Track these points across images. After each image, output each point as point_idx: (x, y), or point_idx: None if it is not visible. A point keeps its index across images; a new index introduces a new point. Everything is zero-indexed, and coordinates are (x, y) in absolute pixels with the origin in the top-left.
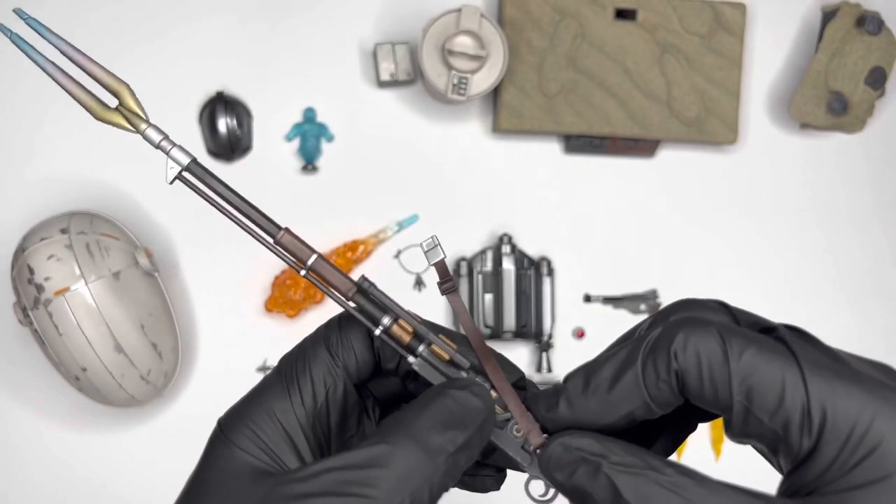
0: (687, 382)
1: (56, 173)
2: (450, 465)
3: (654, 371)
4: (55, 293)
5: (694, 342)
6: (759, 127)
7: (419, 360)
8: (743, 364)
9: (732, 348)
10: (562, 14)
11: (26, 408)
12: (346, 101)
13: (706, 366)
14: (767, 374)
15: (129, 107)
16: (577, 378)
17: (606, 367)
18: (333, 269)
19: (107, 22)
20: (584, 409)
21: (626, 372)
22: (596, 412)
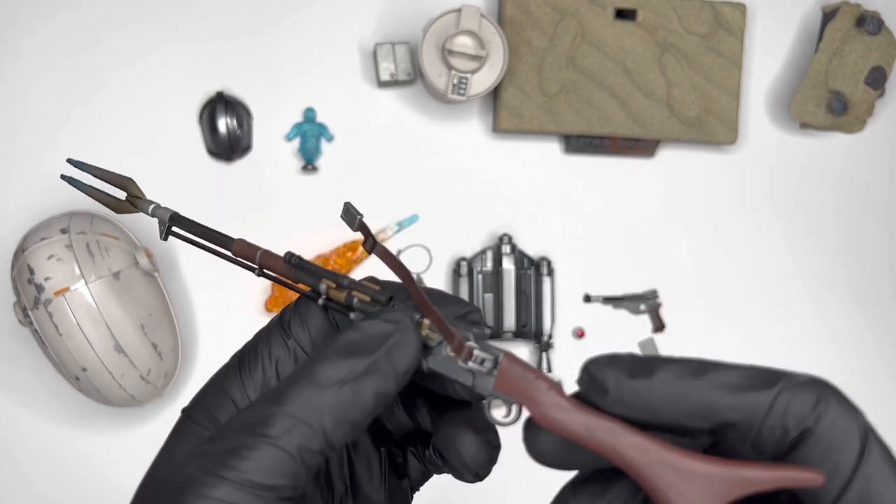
0: (809, 451)
1: (56, 173)
2: (347, 393)
3: (781, 414)
4: (55, 293)
5: (841, 421)
6: (759, 127)
7: (356, 313)
8: (868, 472)
9: (871, 453)
10: (562, 14)
11: (26, 408)
12: (347, 101)
13: (837, 453)
14: (885, 489)
15: (134, 193)
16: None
17: (733, 372)
18: (274, 258)
19: (107, 22)
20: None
21: (753, 390)
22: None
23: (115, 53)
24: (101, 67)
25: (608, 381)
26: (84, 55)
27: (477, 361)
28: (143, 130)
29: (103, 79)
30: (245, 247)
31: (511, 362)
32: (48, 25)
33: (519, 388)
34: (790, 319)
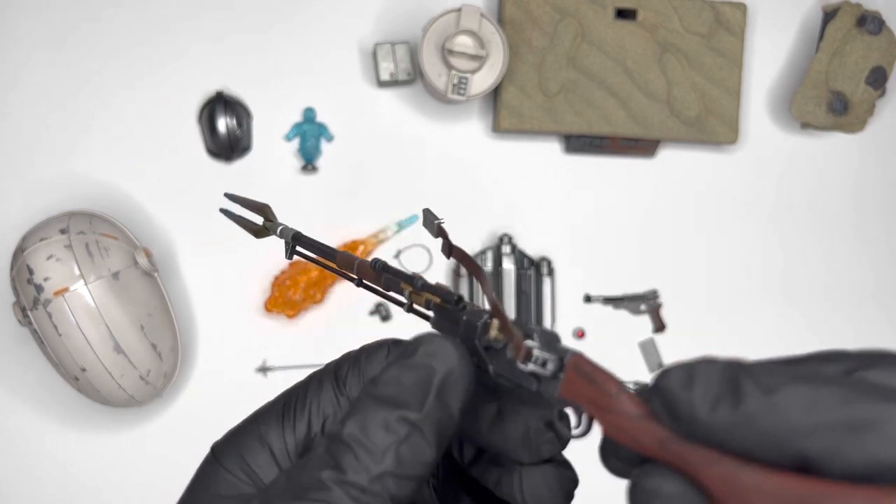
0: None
1: (55, 173)
2: (406, 452)
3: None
4: (54, 293)
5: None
6: (760, 126)
7: (433, 317)
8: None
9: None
10: (562, 13)
11: (26, 408)
12: (346, 101)
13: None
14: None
15: (269, 218)
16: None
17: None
18: (364, 263)
19: (107, 22)
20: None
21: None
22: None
23: (116, 54)
24: (102, 68)
25: (689, 407)
26: (84, 56)
27: (538, 363)
28: (143, 130)
29: (103, 79)
30: (345, 259)
31: (577, 363)
32: (48, 26)
33: (585, 393)
34: (791, 319)
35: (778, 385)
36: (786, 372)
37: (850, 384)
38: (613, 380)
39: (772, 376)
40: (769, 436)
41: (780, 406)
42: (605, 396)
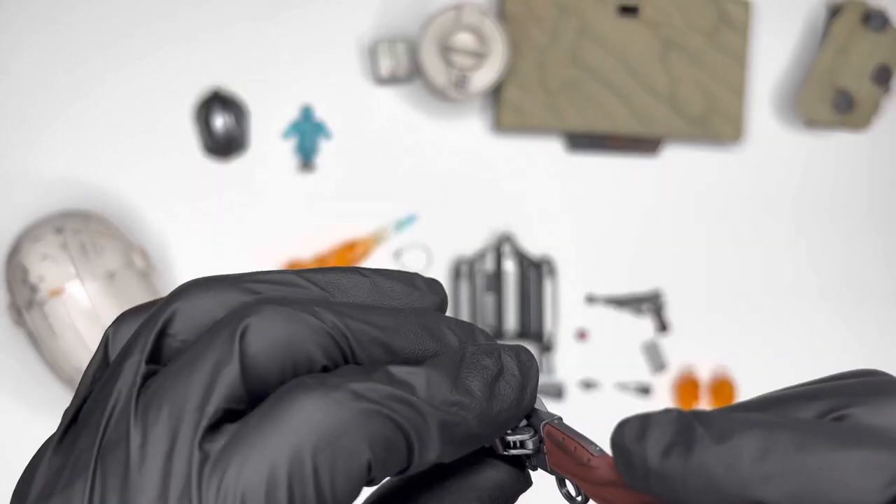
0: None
1: (50, 173)
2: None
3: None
4: (49, 294)
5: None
6: (764, 124)
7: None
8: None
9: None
10: (563, 10)
11: (21, 409)
12: (345, 99)
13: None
14: None
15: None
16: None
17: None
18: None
19: (102, 18)
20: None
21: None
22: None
23: (111, 52)
24: (97, 66)
25: (642, 460)
26: (79, 53)
27: (517, 447)
28: (139, 129)
29: (99, 77)
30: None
31: (550, 433)
32: (42, 24)
33: (564, 463)
34: (799, 319)
35: (731, 432)
36: (742, 419)
37: (810, 429)
38: (583, 446)
39: (726, 423)
40: (723, 484)
41: (732, 454)
42: (580, 465)
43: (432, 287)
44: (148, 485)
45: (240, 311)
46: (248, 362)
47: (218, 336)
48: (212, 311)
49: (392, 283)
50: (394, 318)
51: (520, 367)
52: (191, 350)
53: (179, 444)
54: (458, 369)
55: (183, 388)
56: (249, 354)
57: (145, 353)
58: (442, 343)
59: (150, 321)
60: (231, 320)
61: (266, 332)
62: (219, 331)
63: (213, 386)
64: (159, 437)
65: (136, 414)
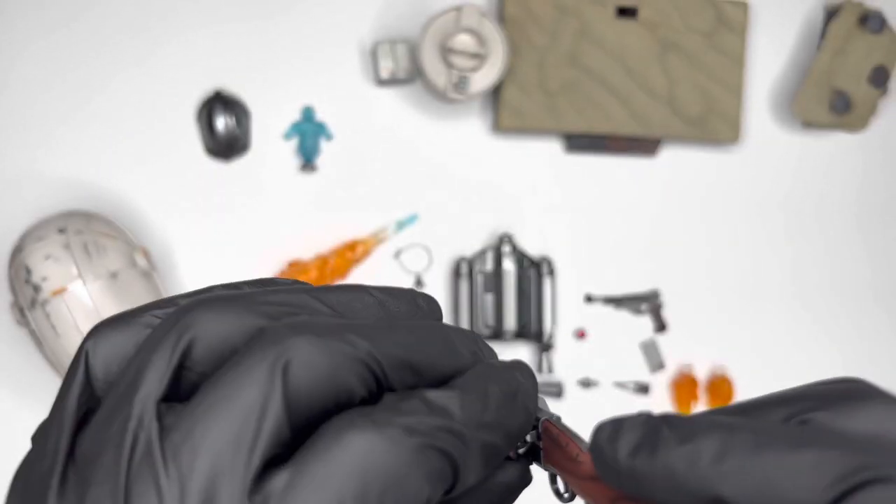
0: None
1: (53, 173)
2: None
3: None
4: (52, 293)
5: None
6: (762, 125)
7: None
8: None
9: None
10: (563, 12)
11: (23, 409)
12: (346, 100)
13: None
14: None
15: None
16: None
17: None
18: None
19: (104, 19)
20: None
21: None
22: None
23: (113, 53)
24: (99, 66)
25: (613, 458)
26: (82, 55)
27: (522, 443)
28: (141, 129)
29: (101, 77)
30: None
31: (547, 429)
32: (45, 26)
33: (557, 459)
34: (796, 318)
35: (694, 434)
36: (707, 421)
37: (768, 432)
38: (574, 442)
39: (690, 425)
40: (685, 482)
41: (694, 453)
42: (569, 461)
43: (430, 305)
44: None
45: (273, 341)
46: (292, 401)
47: (253, 371)
48: (230, 338)
49: (399, 304)
50: (414, 335)
51: (530, 382)
52: (222, 387)
53: (226, 497)
54: (485, 389)
55: (221, 432)
56: (293, 392)
57: (163, 387)
58: (457, 356)
59: (158, 348)
60: (265, 353)
61: (308, 366)
62: (254, 365)
63: (260, 429)
64: (200, 490)
65: (167, 462)
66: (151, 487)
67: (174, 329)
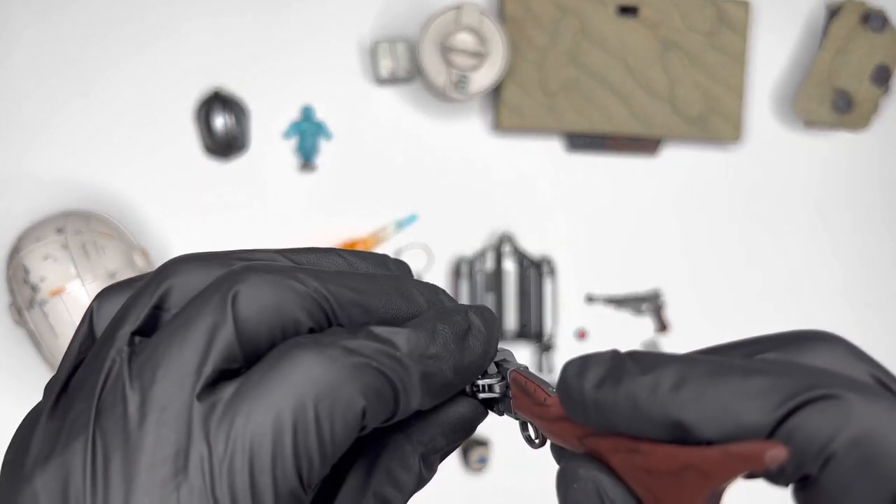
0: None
1: (52, 173)
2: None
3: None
4: (51, 293)
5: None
6: (763, 125)
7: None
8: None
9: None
10: (563, 11)
11: (21, 408)
12: (345, 99)
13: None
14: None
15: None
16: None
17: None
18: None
19: (104, 19)
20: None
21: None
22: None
23: (111, 51)
24: (97, 65)
25: (579, 392)
26: (80, 53)
27: (486, 390)
28: (140, 128)
29: (99, 76)
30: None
31: (515, 378)
32: (41, 23)
33: (526, 406)
34: (797, 317)
35: (655, 365)
36: (669, 356)
37: (724, 363)
38: (541, 388)
39: (652, 358)
40: (647, 409)
41: (655, 382)
42: (538, 406)
43: (401, 267)
44: (148, 439)
45: (227, 279)
46: (240, 325)
47: (209, 302)
48: (203, 285)
49: (366, 264)
50: (369, 282)
51: (484, 323)
52: (181, 316)
53: (179, 401)
54: (433, 327)
55: (178, 350)
56: (241, 318)
57: (139, 323)
58: (413, 303)
59: (140, 294)
60: (220, 287)
61: (256, 297)
62: (209, 297)
63: (210, 347)
64: (158, 396)
65: (132, 377)
66: (119, 398)
67: (155, 279)
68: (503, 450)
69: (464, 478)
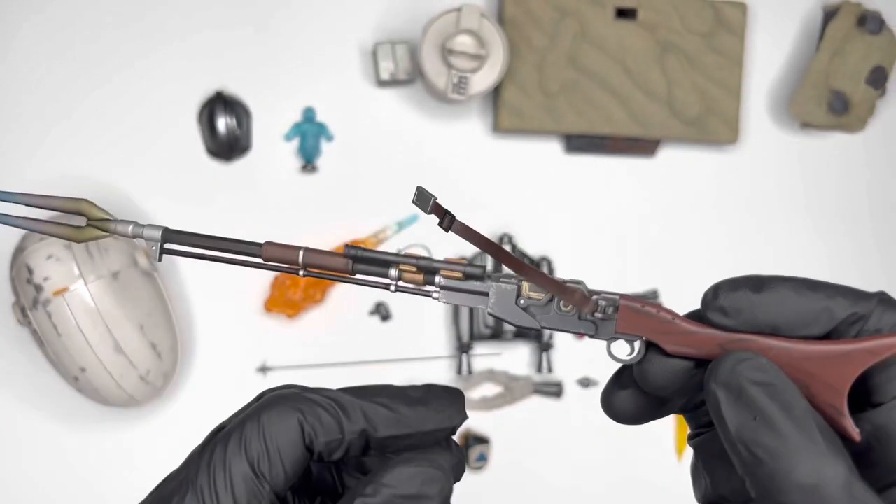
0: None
1: (55, 173)
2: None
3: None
4: (54, 293)
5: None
6: (760, 126)
7: (442, 291)
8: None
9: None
10: (562, 13)
11: (25, 408)
12: (346, 101)
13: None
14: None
15: (96, 216)
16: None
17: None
18: (324, 254)
19: (106, 21)
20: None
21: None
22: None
23: (114, 53)
24: (100, 66)
25: (740, 302)
26: (83, 54)
27: (601, 311)
28: (142, 130)
29: (102, 78)
30: (279, 250)
31: (629, 304)
32: (45, 24)
33: (644, 325)
34: None
35: (774, 279)
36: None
37: (805, 281)
38: (664, 309)
39: (767, 277)
40: (797, 306)
41: (794, 286)
42: (663, 323)
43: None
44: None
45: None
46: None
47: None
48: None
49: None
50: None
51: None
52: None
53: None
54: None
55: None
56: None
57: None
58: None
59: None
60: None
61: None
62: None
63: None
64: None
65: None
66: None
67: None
68: (503, 448)
69: (464, 476)
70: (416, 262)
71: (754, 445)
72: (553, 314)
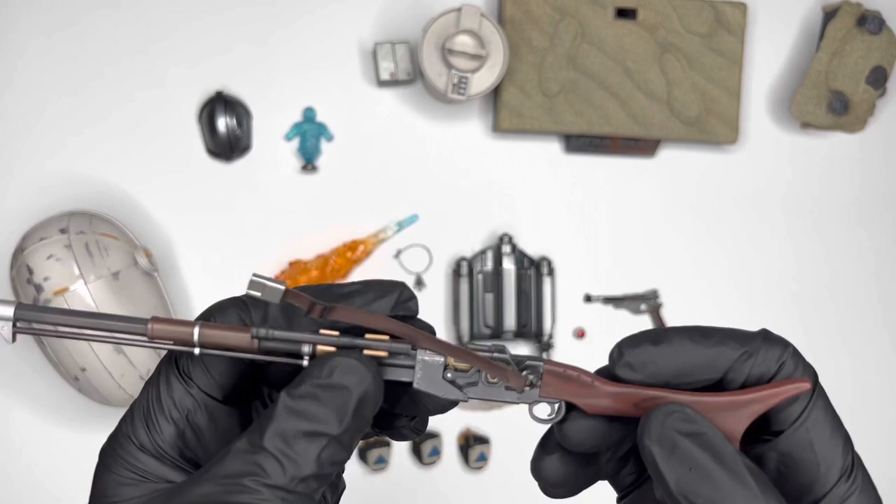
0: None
1: (55, 173)
2: (328, 454)
3: (762, 361)
4: (54, 293)
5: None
6: (760, 126)
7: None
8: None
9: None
10: (562, 13)
11: (25, 408)
12: (346, 101)
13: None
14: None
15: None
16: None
17: (724, 334)
18: (222, 330)
19: (107, 21)
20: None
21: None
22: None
23: (115, 53)
24: (101, 67)
25: (643, 356)
26: (83, 55)
27: (528, 383)
28: (143, 130)
29: (103, 78)
30: (168, 327)
31: (551, 369)
32: (46, 25)
33: (565, 389)
34: (791, 318)
35: (668, 333)
36: (661, 330)
37: (695, 329)
38: (584, 372)
39: (662, 331)
40: (693, 359)
41: (689, 337)
42: (583, 387)
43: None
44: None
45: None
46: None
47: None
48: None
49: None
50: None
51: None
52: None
53: None
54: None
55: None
56: None
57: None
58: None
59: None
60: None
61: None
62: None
63: None
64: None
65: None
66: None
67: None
68: (503, 448)
69: (464, 476)
70: (336, 342)
71: (694, 497)
72: (480, 385)
